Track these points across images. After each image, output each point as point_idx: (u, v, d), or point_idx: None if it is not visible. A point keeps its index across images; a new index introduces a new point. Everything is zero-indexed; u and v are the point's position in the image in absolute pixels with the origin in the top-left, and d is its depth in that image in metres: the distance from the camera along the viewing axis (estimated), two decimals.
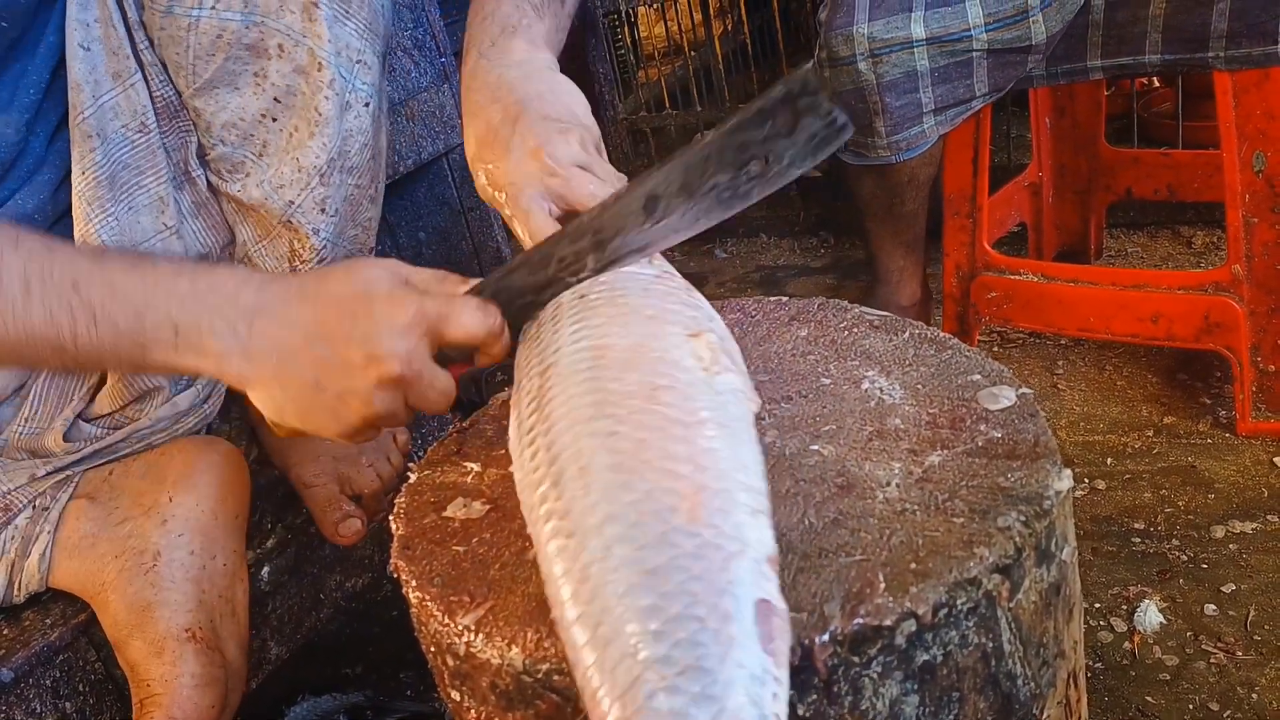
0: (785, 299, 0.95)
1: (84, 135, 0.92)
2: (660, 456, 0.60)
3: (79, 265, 0.71)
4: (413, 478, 0.81)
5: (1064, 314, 1.60)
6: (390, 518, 0.77)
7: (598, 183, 0.81)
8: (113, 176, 0.94)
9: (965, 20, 1.41)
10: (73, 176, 0.92)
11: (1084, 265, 1.95)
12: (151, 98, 0.96)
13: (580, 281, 0.76)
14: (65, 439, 0.97)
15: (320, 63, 0.95)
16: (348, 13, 0.96)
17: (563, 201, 0.81)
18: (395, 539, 0.74)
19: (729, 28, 3.05)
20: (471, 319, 0.72)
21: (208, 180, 1.01)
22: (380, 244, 1.77)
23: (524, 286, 0.77)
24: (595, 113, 0.95)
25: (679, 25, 2.61)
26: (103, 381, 0.99)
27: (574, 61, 3.54)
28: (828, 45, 1.48)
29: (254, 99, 0.96)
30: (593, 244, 0.75)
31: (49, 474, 0.97)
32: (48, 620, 0.97)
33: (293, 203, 0.99)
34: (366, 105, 1.00)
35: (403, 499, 0.78)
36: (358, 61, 0.98)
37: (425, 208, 1.73)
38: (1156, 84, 2.37)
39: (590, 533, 0.57)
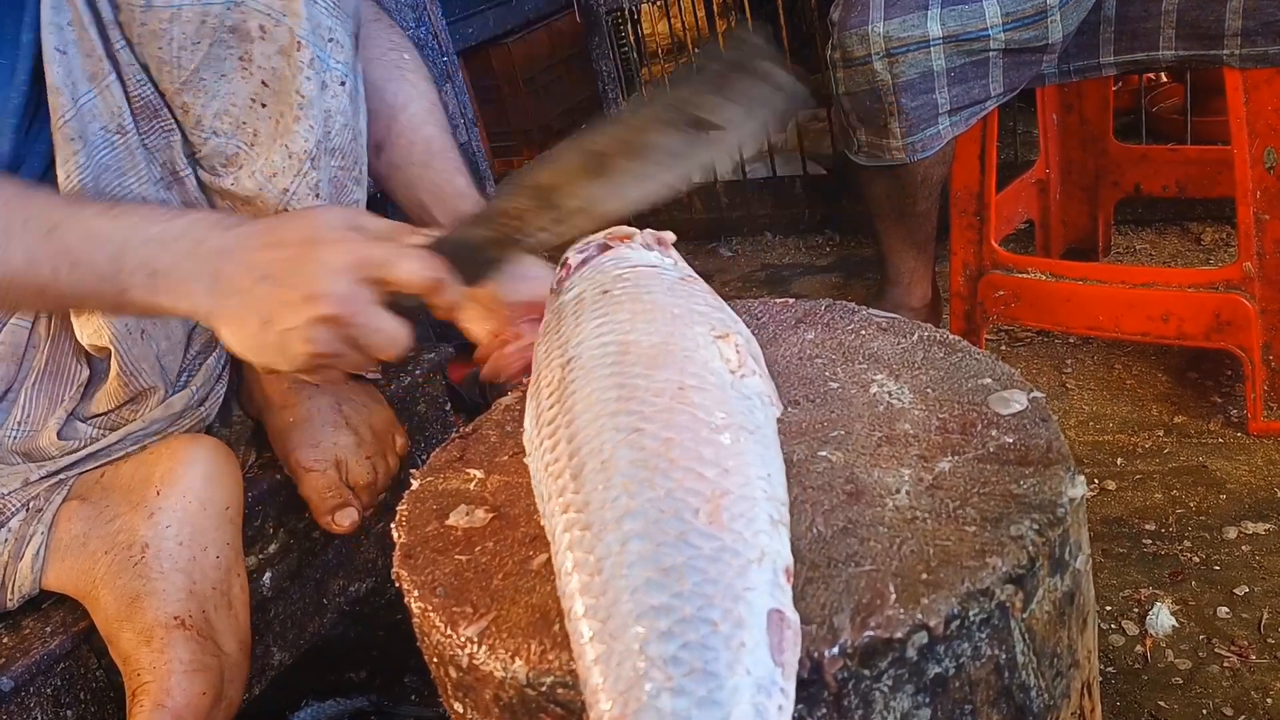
0: (792, 300, 0.93)
1: (66, 139, 0.91)
2: (685, 457, 0.59)
3: (56, 210, 0.76)
4: (415, 484, 0.80)
5: (1072, 312, 1.59)
6: (392, 525, 0.76)
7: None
8: (96, 180, 0.93)
9: (983, 19, 1.39)
10: (59, 181, 0.91)
11: (1092, 263, 1.94)
12: (128, 98, 0.95)
13: (535, 242, 0.77)
14: (60, 437, 0.96)
15: (299, 41, 0.94)
16: None
17: None
18: (397, 547, 0.73)
19: (732, 25, 3.03)
20: (413, 266, 0.74)
21: (197, 179, 1.00)
22: None
23: (473, 241, 0.78)
24: (599, 112, 0.95)
25: (682, 23, 2.60)
26: (94, 379, 0.98)
27: (578, 59, 3.53)
28: (842, 45, 1.46)
29: (243, 84, 0.95)
30: (536, 203, 0.75)
31: (43, 478, 0.97)
32: (48, 628, 0.96)
33: (287, 190, 0.98)
34: (342, 84, 0.99)
35: (405, 506, 0.77)
36: (330, 40, 0.97)
37: None
38: (1164, 79, 2.36)
39: (608, 526, 0.57)
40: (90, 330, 0.95)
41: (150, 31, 0.92)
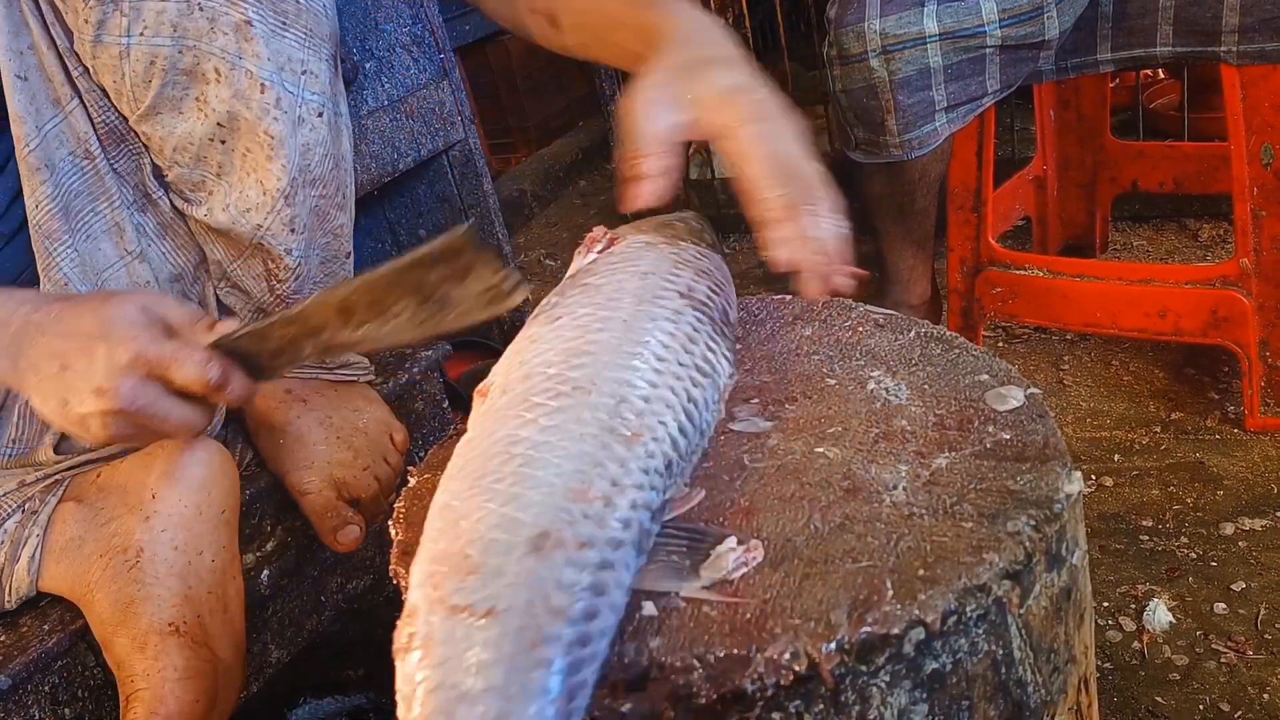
0: (789, 297, 0.93)
1: (31, 169, 0.90)
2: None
3: None
4: (412, 482, 0.80)
5: (1070, 309, 1.59)
6: (390, 523, 0.76)
7: None
8: (66, 206, 0.92)
9: (979, 16, 1.39)
10: (27, 212, 0.91)
11: (1090, 259, 1.94)
12: (93, 123, 0.94)
13: (306, 357, 0.83)
14: (57, 451, 0.96)
15: (262, 84, 0.93)
16: (284, 24, 0.94)
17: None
18: (395, 545, 0.73)
19: (730, 21, 3.03)
20: (191, 371, 0.79)
21: (171, 202, 0.99)
22: (381, 242, 1.76)
23: (251, 351, 0.83)
24: (597, 109, 0.95)
25: None
26: None
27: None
28: (838, 42, 1.46)
29: (199, 123, 0.94)
30: (304, 331, 0.81)
31: (39, 479, 0.96)
32: (45, 626, 0.96)
33: (260, 226, 0.98)
34: (320, 115, 0.98)
35: (402, 504, 0.77)
36: (303, 73, 0.96)
37: (425, 205, 1.72)
38: (1160, 76, 2.36)
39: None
40: None
41: (103, 64, 0.91)
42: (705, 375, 0.70)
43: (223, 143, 0.95)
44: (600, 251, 0.83)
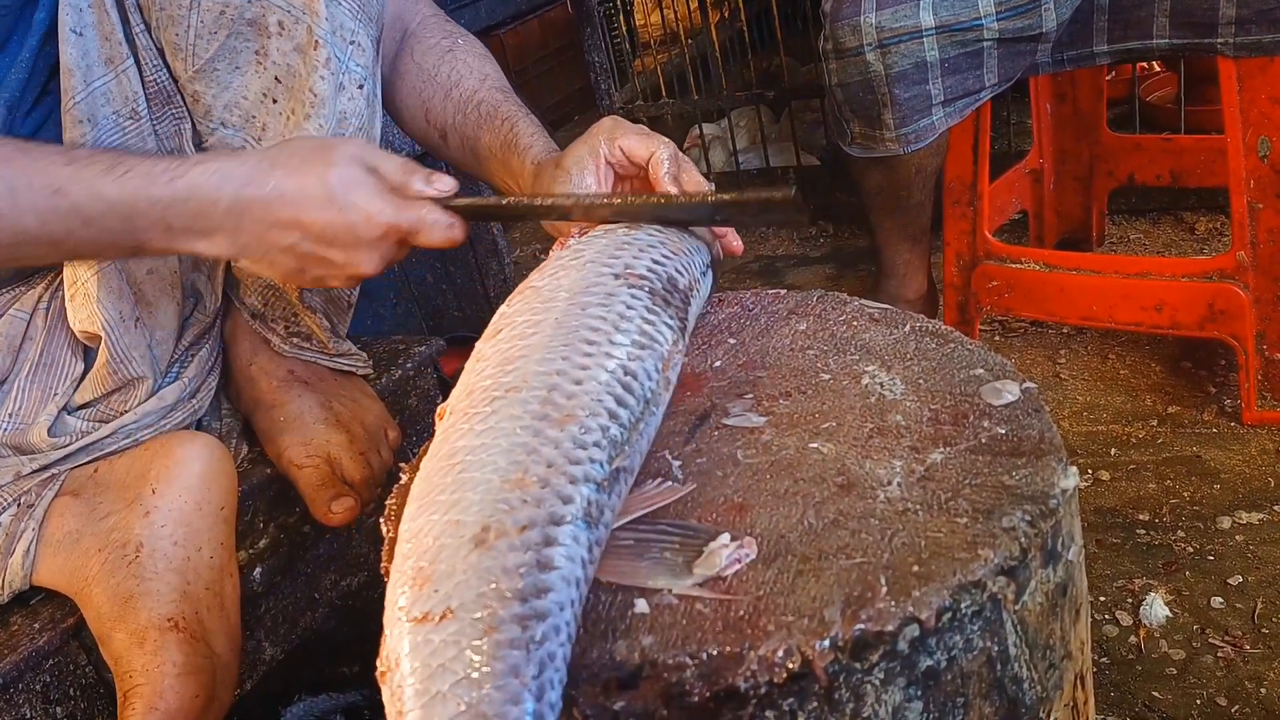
0: (784, 291, 0.93)
1: (75, 121, 0.91)
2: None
3: (57, 171, 0.78)
4: (404, 479, 0.79)
5: (1066, 303, 1.59)
6: (381, 520, 0.75)
7: None
8: None
9: (975, 9, 1.39)
10: None
11: (1086, 253, 1.94)
12: (144, 83, 0.94)
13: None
14: (50, 434, 0.96)
15: (317, 40, 0.94)
16: None
17: None
18: (387, 541, 0.72)
19: (726, 15, 3.02)
20: (438, 235, 0.83)
21: None
22: None
23: (494, 212, 0.91)
24: (591, 103, 0.99)
25: (675, 13, 2.59)
26: (87, 373, 0.97)
27: (569, 51, 3.52)
28: (834, 36, 1.45)
29: (256, 78, 0.95)
30: (533, 214, 0.88)
31: (35, 471, 0.96)
32: (36, 624, 0.95)
33: None
34: (360, 88, 0.99)
35: (393, 500, 0.77)
36: (351, 42, 0.97)
37: None
38: (1156, 68, 2.35)
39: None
40: (83, 316, 0.94)
41: (169, 16, 0.92)
42: (643, 348, 0.71)
43: (274, 102, 0.96)
44: (571, 244, 0.84)
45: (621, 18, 2.83)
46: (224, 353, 1.13)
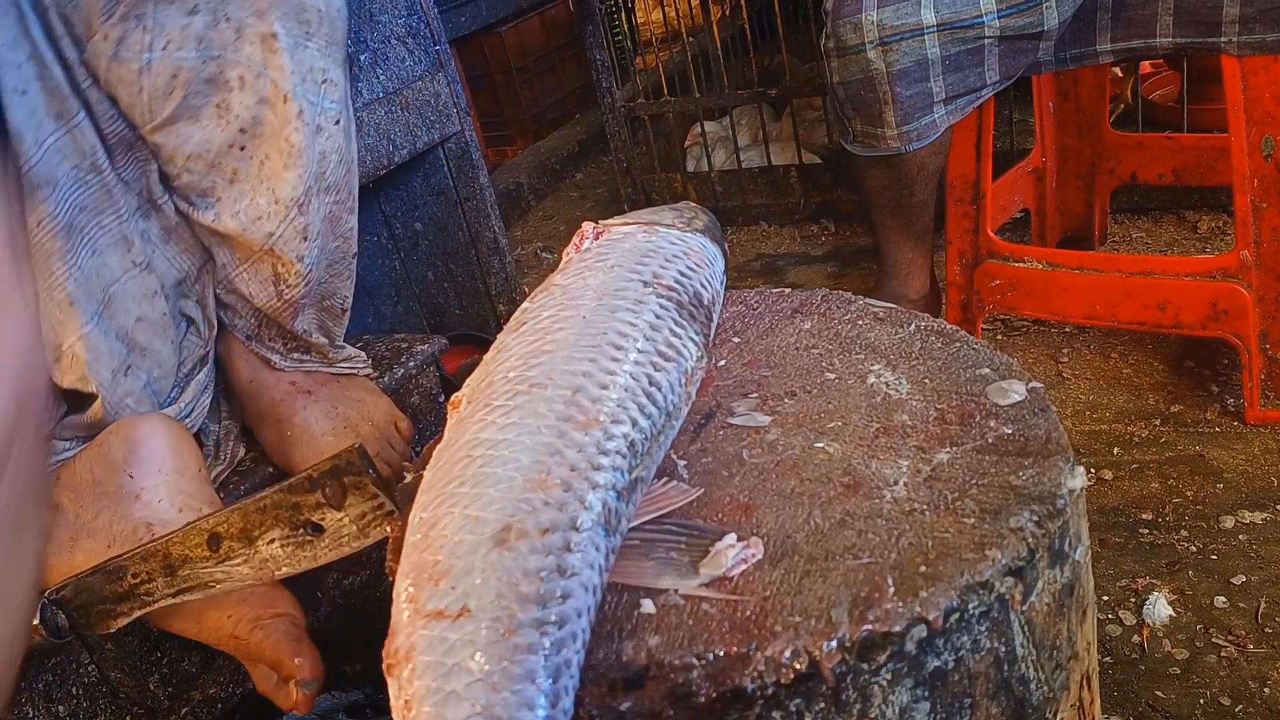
0: (788, 290, 0.93)
1: (32, 186, 0.87)
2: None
3: None
4: (408, 477, 0.79)
5: (1069, 301, 1.58)
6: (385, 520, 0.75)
7: None
8: (69, 224, 0.90)
9: (977, 6, 1.38)
10: (28, 229, 0.88)
11: (1089, 252, 1.93)
12: (101, 134, 0.91)
13: (155, 601, 0.83)
14: None
15: (285, 95, 0.92)
16: (308, 34, 0.93)
17: None
18: (391, 540, 0.72)
19: (727, 12, 3.02)
20: None
21: (176, 206, 0.98)
22: (376, 235, 1.75)
23: (101, 592, 0.84)
24: (593, 101, 0.97)
25: (676, 10, 2.58)
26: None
27: (571, 48, 3.51)
28: (835, 34, 1.45)
29: (218, 132, 0.93)
30: (162, 566, 0.81)
31: None
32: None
33: (272, 234, 0.97)
34: (338, 123, 0.98)
35: (398, 498, 0.77)
36: (324, 81, 0.95)
37: (421, 198, 1.71)
38: (1151, 68, 2.35)
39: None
40: (72, 378, 0.94)
41: (118, 79, 0.89)
42: (669, 359, 0.70)
43: (242, 149, 0.94)
44: (588, 247, 0.83)
45: (623, 15, 2.83)
46: (223, 369, 1.13)
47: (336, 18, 0.96)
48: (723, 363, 0.83)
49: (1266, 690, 1.07)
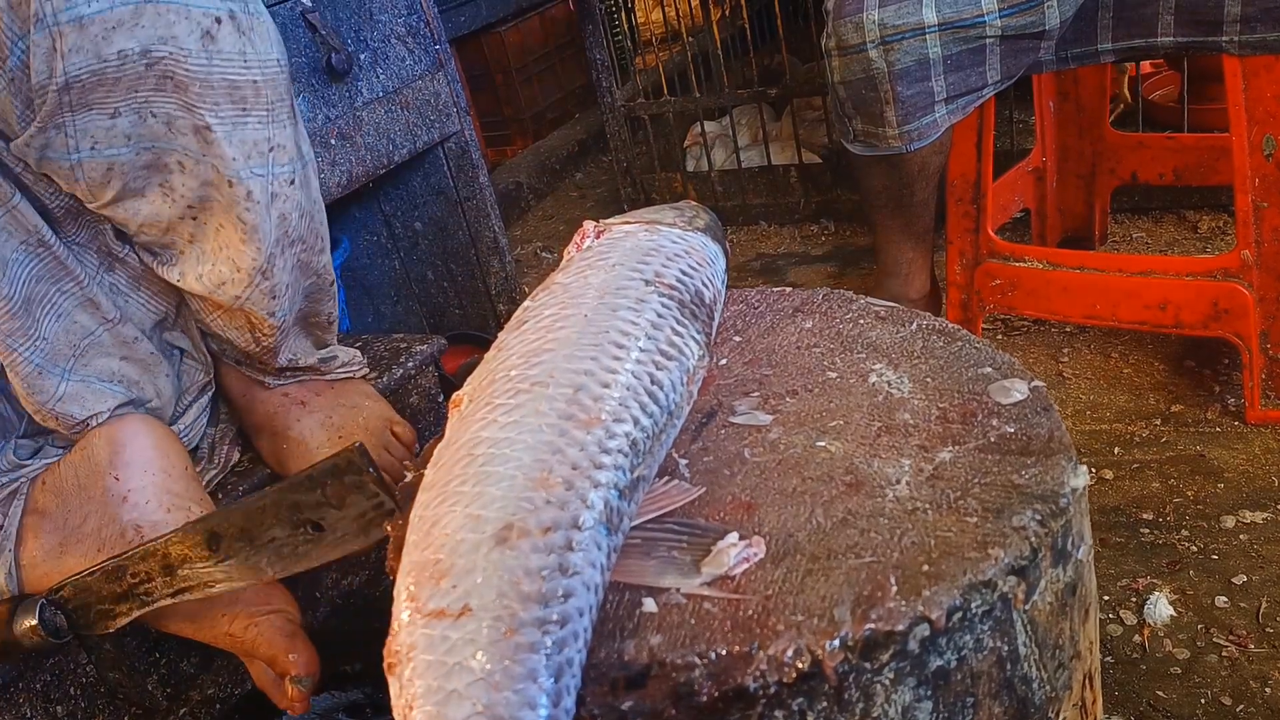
0: (789, 289, 0.93)
1: None
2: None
3: None
4: (408, 476, 0.79)
5: (1069, 301, 1.58)
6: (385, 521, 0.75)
7: None
8: (27, 300, 0.88)
9: (978, 5, 1.38)
10: None
11: (1089, 251, 1.93)
12: (44, 209, 0.89)
13: (154, 601, 0.82)
14: (17, 456, 0.96)
15: (230, 180, 0.89)
16: (245, 112, 0.89)
17: None
18: (391, 540, 0.72)
19: (727, 12, 3.02)
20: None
21: (139, 256, 0.97)
22: (376, 235, 1.75)
23: (100, 592, 0.83)
24: (592, 100, 0.96)
25: (676, 10, 2.58)
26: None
27: (571, 48, 3.51)
28: (836, 33, 1.45)
29: (166, 207, 0.90)
30: (161, 566, 0.81)
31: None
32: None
33: (239, 297, 0.96)
34: (292, 183, 0.95)
35: (396, 497, 0.76)
36: (271, 149, 0.92)
37: (421, 197, 1.71)
38: (1151, 68, 2.35)
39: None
40: (67, 426, 0.94)
41: (51, 171, 0.86)
42: (670, 358, 0.70)
43: (194, 219, 0.92)
44: (589, 245, 0.83)
45: (623, 15, 2.83)
46: (217, 380, 1.12)
47: (275, 76, 0.92)
48: (724, 361, 0.82)
49: (1268, 690, 1.07)
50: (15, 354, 0.89)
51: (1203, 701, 1.08)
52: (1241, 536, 1.28)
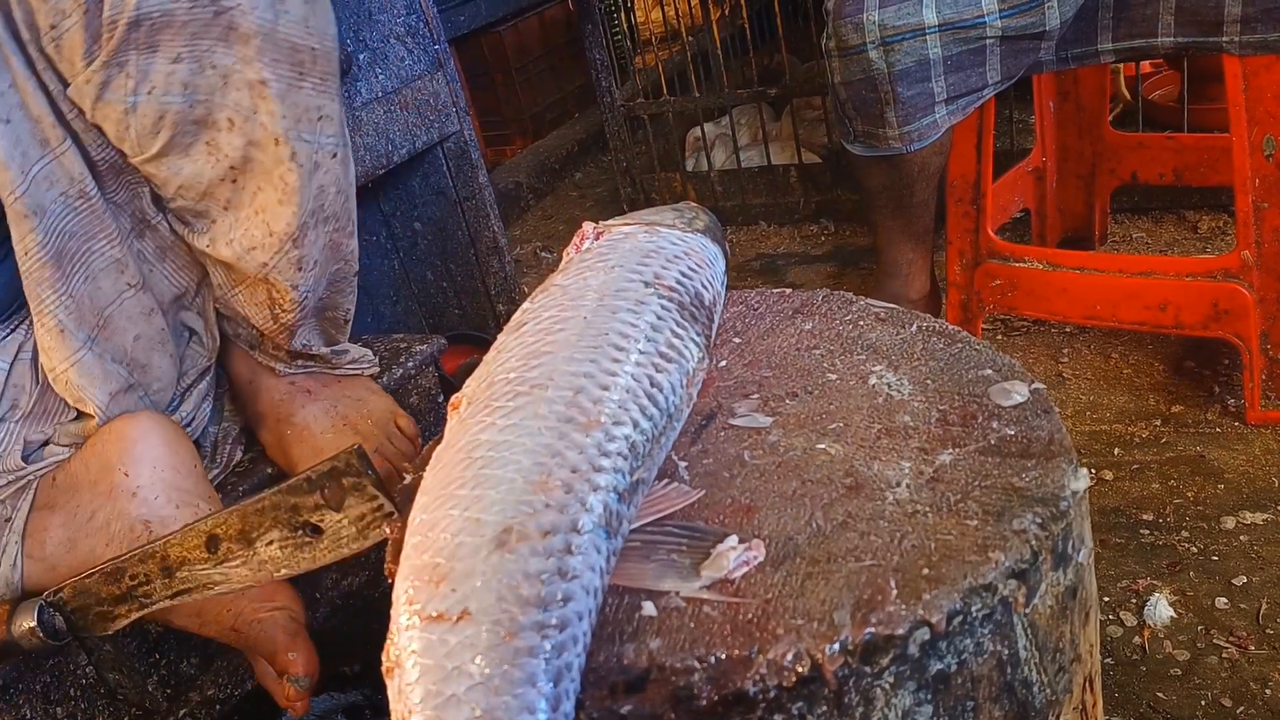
0: (789, 290, 0.92)
1: (19, 216, 0.87)
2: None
3: None
4: (408, 478, 0.79)
5: (1069, 302, 1.58)
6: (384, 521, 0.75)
7: None
8: (59, 252, 0.89)
9: (979, 6, 1.38)
10: (16, 258, 0.88)
11: (1089, 252, 1.93)
12: (89, 161, 0.90)
13: (153, 603, 0.82)
14: (25, 459, 0.95)
15: (276, 138, 0.91)
16: (300, 75, 0.91)
17: None
18: (390, 541, 0.72)
19: (727, 12, 3.01)
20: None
21: (170, 224, 0.98)
22: (375, 235, 1.75)
23: (99, 594, 0.83)
24: (592, 100, 0.96)
25: (676, 10, 2.58)
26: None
27: (570, 47, 3.51)
28: (836, 34, 1.45)
29: (209, 167, 0.92)
30: (160, 568, 0.81)
31: (6, 484, 0.95)
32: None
33: (266, 264, 0.97)
34: (335, 156, 0.96)
35: (396, 499, 0.76)
36: (319, 119, 0.94)
37: (421, 198, 1.71)
38: (1151, 68, 2.35)
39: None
40: (72, 396, 0.94)
41: (104, 116, 0.88)
42: (670, 361, 0.70)
43: (234, 182, 0.93)
44: (588, 247, 0.83)
45: (622, 15, 2.83)
46: (223, 369, 1.12)
47: (331, 51, 0.94)
48: (724, 364, 0.82)
49: (1268, 691, 1.07)
50: (44, 304, 0.90)
51: (1203, 703, 1.08)
52: (1242, 537, 1.28)
